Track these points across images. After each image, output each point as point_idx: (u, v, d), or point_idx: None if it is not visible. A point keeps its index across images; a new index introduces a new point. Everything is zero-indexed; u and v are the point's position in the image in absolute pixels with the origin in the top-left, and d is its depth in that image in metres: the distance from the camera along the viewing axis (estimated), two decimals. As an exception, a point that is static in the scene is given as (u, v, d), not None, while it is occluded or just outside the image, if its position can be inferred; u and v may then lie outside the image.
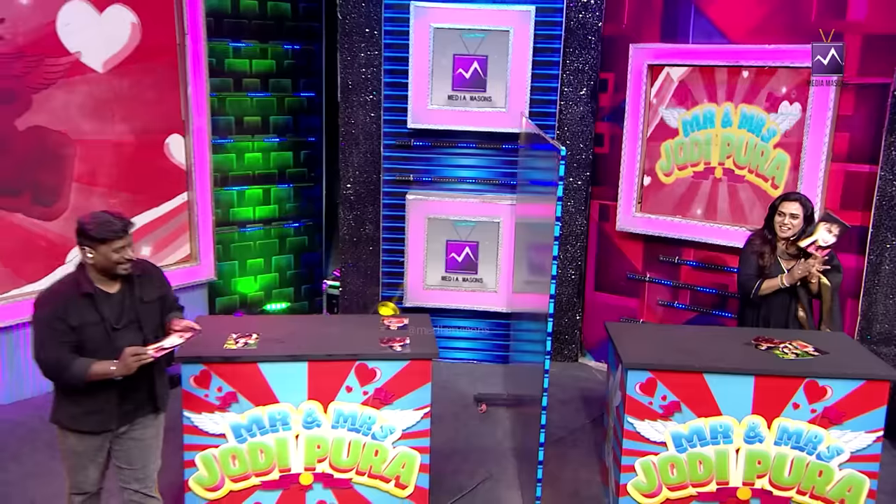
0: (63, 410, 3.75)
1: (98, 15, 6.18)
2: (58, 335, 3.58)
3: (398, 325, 4.93)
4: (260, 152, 7.57)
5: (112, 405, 3.74)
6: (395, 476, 4.64)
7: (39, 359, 3.62)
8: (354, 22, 6.60)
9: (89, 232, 3.55)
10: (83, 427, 3.75)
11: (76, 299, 3.62)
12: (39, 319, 3.64)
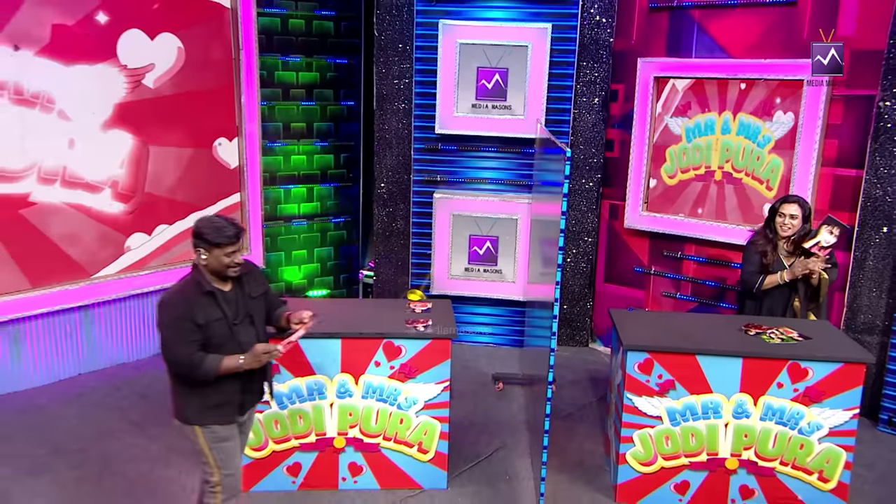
0: (191, 408, 3.69)
1: (150, 41, 6.42)
2: (186, 334, 3.54)
3: (422, 309, 5.03)
4: (304, 155, 7.63)
5: (236, 397, 3.74)
6: (418, 442, 4.79)
7: (170, 359, 3.59)
8: (389, 38, 6.70)
9: (205, 236, 3.53)
10: (213, 420, 3.72)
11: (199, 298, 3.59)
12: (168, 321, 3.59)
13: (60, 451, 5.13)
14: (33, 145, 5.90)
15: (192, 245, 3.60)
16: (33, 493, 4.62)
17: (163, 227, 6.78)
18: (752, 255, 4.98)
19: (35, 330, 6.12)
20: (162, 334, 3.55)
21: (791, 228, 4.74)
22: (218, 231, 3.52)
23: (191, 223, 6.87)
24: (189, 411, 3.66)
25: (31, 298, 6.01)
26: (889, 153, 5.20)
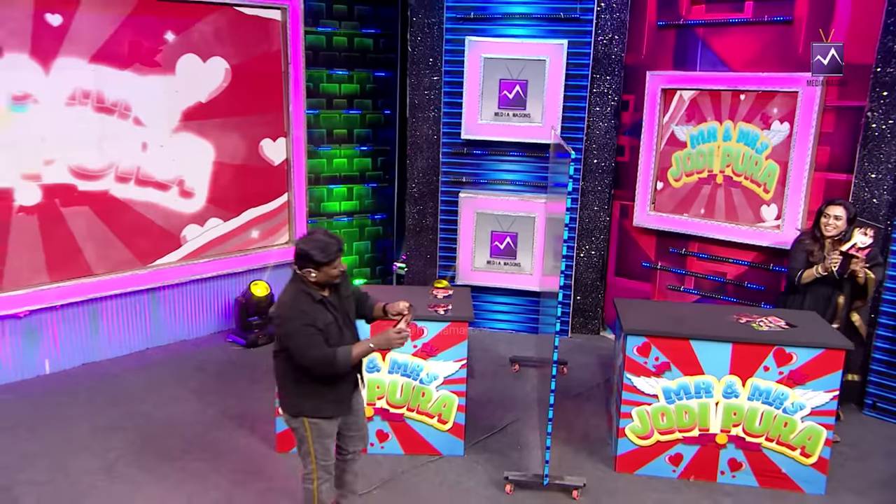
0: (307, 404, 3.69)
1: (203, 63, 6.59)
2: (315, 338, 3.53)
3: (444, 296, 5.16)
4: (345, 158, 7.73)
5: (349, 391, 3.78)
6: (438, 413, 4.91)
7: (307, 363, 3.57)
8: (421, 53, 6.83)
9: (314, 258, 3.48)
10: (328, 414, 3.72)
11: (314, 306, 3.57)
12: (295, 331, 3.55)
13: (130, 412, 5.40)
14: (111, 148, 6.14)
15: (296, 265, 3.58)
16: (107, 448, 4.89)
17: (217, 222, 6.91)
18: (797, 253, 5.01)
19: (110, 309, 6.36)
20: (292, 343, 3.54)
21: (835, 229, 4.71)
22: (324, 251, 3.49)
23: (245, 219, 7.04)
24: (304, 406, 3.68)
25: (105, 281, 6.25)
26: (876, 159, 5.23)
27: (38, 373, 6.06)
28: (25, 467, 4.66)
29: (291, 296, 3.55)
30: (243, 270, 7.12)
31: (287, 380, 3.68)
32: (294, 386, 3.65)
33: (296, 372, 3.60)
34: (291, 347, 3.54)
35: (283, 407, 3.76)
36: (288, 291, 3.60)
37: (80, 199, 6.04)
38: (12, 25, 5.45)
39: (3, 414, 5.33)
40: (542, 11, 6.48)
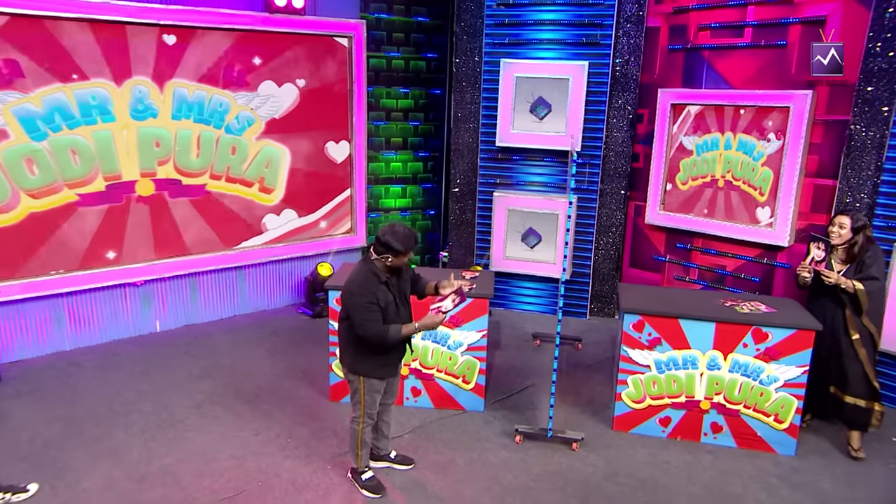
0: (365, 365, 3.86)
1: (275, 86, 6.78)
2: (375, 314, 3.66)
3: (471, 277, 5.25)
4: (400, 162, 7.88)
5: (398, 359, 3.99)
6: (462, 375, 5.06)
7: (366, 333, 3.69)
8: (464, 73, 7.01)
9: (395, 247, 3.60)
10: (380, 375, 3.92)
11: (379, 287, 3.69)
12: (361, 306, 3.66)
13: (217, 364, 5.84)
14: (208, 152, 6.50)
15: (375, 250, 3.68)
16: (198, 390, 5.34)
17: (291, 213, 7.16)
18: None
19: (206, 282, 6.77)
20: (355, 316, 3.68)
21: (839, 237, 4.45)
22: (404, 244, 3.61)
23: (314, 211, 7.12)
24: (362, 366, 3.86)
25: (201, 259, 6.64)
26: (858, 166, 5.23)
27: (150, 330, 6.52)
28: (137, 400, 5.16)
29: (362, 275, 3.69)
30: (312, 254, 7.33)
31: (349, 343, 3.85)
32: (355, 349, 3.82)
33: (357, 338, 3.76)
34: (354, 319, 3.68)
35: (344, 364, 3.95)
36: (359, 271, 3.74)
37: (182, 193, 6.41)
38: (139, 54, 5.90)
39: (125, 361, 5.86)
40: (567, 38, 6.53)
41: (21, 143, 5.48)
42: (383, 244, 3.61)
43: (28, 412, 4.97)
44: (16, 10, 5.25)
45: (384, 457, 4.37)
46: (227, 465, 4.35)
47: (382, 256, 3.64)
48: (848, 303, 4.45)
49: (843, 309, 4.46)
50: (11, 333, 5.77)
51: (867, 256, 4.43)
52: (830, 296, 4.53)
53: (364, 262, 3.75)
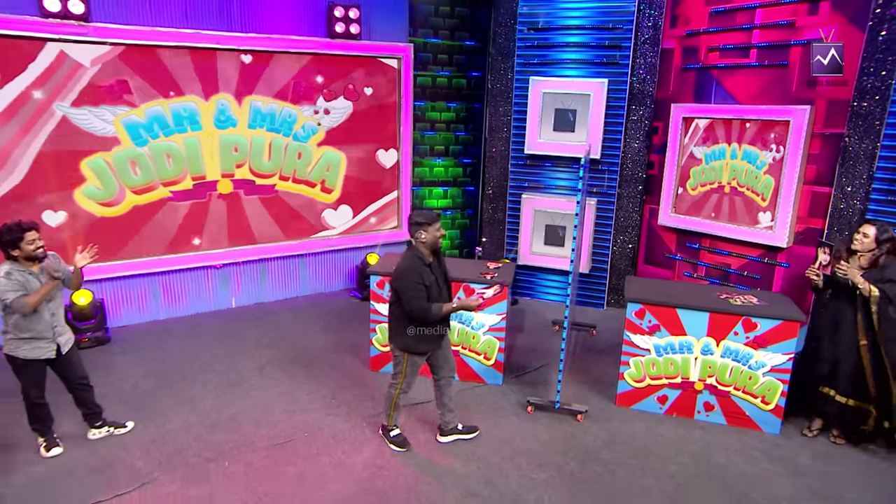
0: (409, 341, 3.97)
1: (334, 100, 7.00)
2: (420, 293, 3.78)
3: (494, 267, 5.41)
4: (443, 167, 8.00)
5: (438, 335, 4.07)
6: (484, 352, 5.19)
7: (412, 309, 3.80)
8: (498, 90, 7.16)
9: (419, 220, 3.80)
10: (422, 350, 4.05)
11: (423, 268, 3.82)
12: (409, 285, 3.78)
13: (280, 336, 6.15)
14: (278, 157, 6.82)
15: (411, 232, 3.85)
16: (262, 356, 5.66)
17: (347, 210, 7.38)
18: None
19: (274, 267, 7.07)
20: (404, 294, 3.80)
21: (860, 244, 4.20)
22: (424, 216, 3.84)
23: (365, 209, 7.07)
24: (408, 343, 3.99)
25: (270, 247, 6.94)
26: (852, 175, 5.19)
27: (227, 306, 6.90)
28: (212, 362, 5.55)
29: (409, 260, 3.86)
30: (363, 246, 7.55)
31: (399, 324, 3.98)
32: (403, 328, 3.96)
33: (403, 318, 3.91)
34: (403, 297, 3.80)
35: (393, 341, 4.08)
36: (405, 258, 3.90)
37: (255, 191, 6.76)
38: (223, 74, 6.30)
39: (205, 330, 6.26)
40: (589, 58, 6.59)
41: (127, 149, 6.00)
42: (413, 224, 3.83)
43: (129, 366, 5.46)
44: (128, 41, 5.77)
45: (452, 430, 4.42)
46: (281, 418, 4.67)
47: (417, 234, 3.81)
48: (860, 304, 4.22)
49: (855, 314, 4.26)
50: (119, 303, 6.31)
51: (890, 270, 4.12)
52: (844, 299, 4.30)
53: (409, 250, 3.91)
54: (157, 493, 3.79)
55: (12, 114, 5.46)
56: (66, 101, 5.65)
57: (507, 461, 4.20)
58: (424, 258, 3.85)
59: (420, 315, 3.81)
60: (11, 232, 3.69)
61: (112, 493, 3.78)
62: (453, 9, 7.55)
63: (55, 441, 4.18)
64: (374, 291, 5.26)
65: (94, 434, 4.35)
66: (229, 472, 4.02)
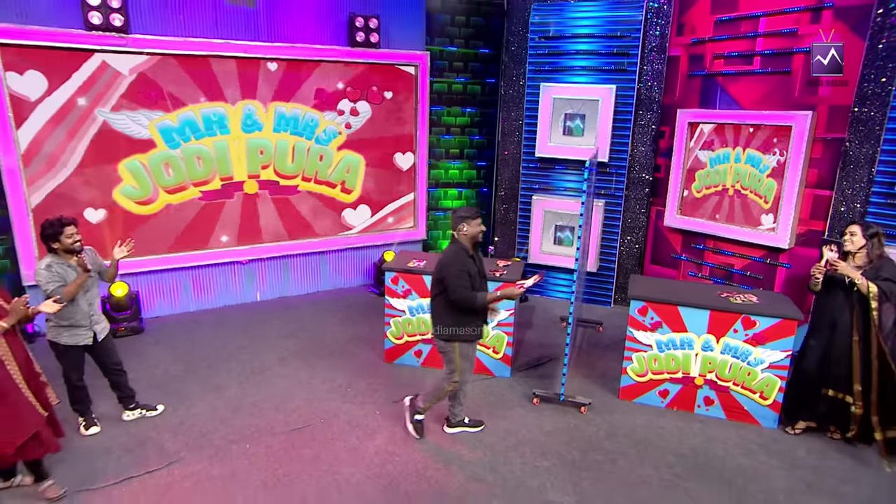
0: (461, 332, 3.97)
1: (353, 104, 7.06)
2: (465, 282, 3.80)
3: (504, 265, 5.47)
4: (458, 170, 8.07)
5: (481, 325, 4.07)
6: (493, 346, 5.26)
7: (458, 298, 3.82)
8: (510, 95, 7.21)
9: (463, 213, 3.85)
10: (470, 338, 4.04)
11: (466, 260, 3.86)
12: (455, 275, 3.79)
13: (301, 328, 6.24)
14: (301, 159, 6.91)
15: (454, 226, 3.89)
16: (284, 347, 5.74)
17: (366, 209, 7.44)
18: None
19: (296, 263, 7.18)
20: (451, 283, 3.82)
21: (851, 244, 4.17)
22: (468, 210, 3.91)
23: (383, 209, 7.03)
24: (459, 334, 3.97)
25: (292, 244, 7.03)
26: (852, 179, 5.15)
27: (252, 300, 7.04)
28: (237, 352, 5.68)
29: (453, 252, 3.90)
30: (380, 244, 7.63)
31: (443, 315, 3.98)
32: (448, 320, 3.97)
33: (449, 309, 3.92)
34: (448, 286, 3.81)
35: (439, 335, 4.03)
36: (450, 250, 3.93)
37: (280, 191, 6.88)
38: (249, 81, 6.43)
39: (231, 322, 6.40)
40: (597, 65, 6.60)
41: (161, 151, 6.19)
42: (457, 218, 3.87)
43: (161, 354, 5.64)
44: (163, 51, 5.95)
45: (459, 422, 4.45)
46: (299, 405, 4.78)
47: (460, 227, 3.85)
48: (855, 299, 4.14)
49: (852, 312, 4.19)
50: (153, 296, 6.50)
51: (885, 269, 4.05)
52: (840, 298, 4.23)
53: (453, 243, 3.95)
54: (184, 472, 3.94)
55: (60, 119, 5.68)
56: (106, 106, 5.84)
57: (512, 449, 4.25)
58: (468, 250, 3.88)
59: (466, 303, 3.81)
60: (53, 226, 3.86)
61: (143, 470, 3.93)
62: (468, 18, 7.60)
63: (93, 421, 4.36)
64: (388, 287, 5.34)
65: (128, 415, 4.52)
66: (250, 454, 4.15)
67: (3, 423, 3.30)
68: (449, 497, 3.74)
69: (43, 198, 5.74)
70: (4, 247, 5.88)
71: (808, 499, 3.82)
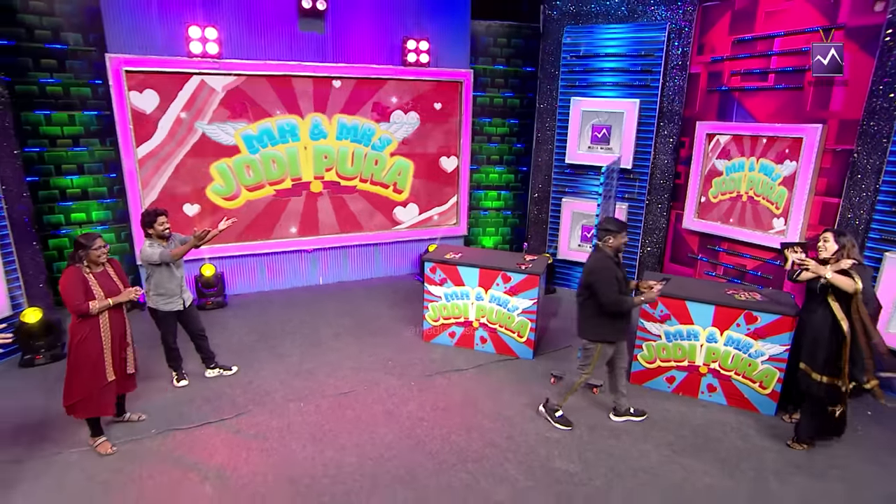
0: (603, 331, 3.90)
1: (405, 116, 7.23)
2: (614, 286, 3.74)
3: (530, 259, 5.49)
4: (497, 174, 8.10)
5: (624, 326, 4.01)
6: (518, 330, 5.27)
7: (607, 301, 3.74)
8: (544, 108, 7.19)
9: (611, 228, 3.76)
10: (613, 338, 3.97)
11: (613, 265, 3.81)
12: (604, 278, 3.72)
13: (355, 309, 6.49)
14: (358, 163, 7.12)
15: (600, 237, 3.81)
16: (338, 324, 5.98)
17: (414, 208, 7.57)
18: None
19: (353, 253, 7.40)
20: (600, 287, 3.74)
21: (824, 251, 3.93)
22: (616, 222, 3.80)
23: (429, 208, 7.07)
24: (602, 334, 3.89)
25: (349, 237, 7.25)
26: (859, 188, 4.97)
27: (315, 283, 7.31)
28: (300, 326, 5.94)
29: (601, 259, 3.82)
30: (426, 238, 7.76)
31: (590, 317, 3.92)
32: (598, 321, 3.91)
33: (596, 312, 3.85)
34: (599, 290, 3.72)
35: (586, 334, 3.98)
36: (597, 257, 3.84)
37: (340, 191, 7.12)
38: (317, 97, 6.68)
39: (298, 301, 6.69)
40: (623, 80, 6.54)
41: (243, 156, 6.60)
42: (603, 230, 3.79)
43: (238, 325, 6.04)
44: (248, 72, 6.35)
45: (625, 412, 4.42)
46: (347, 373, 5.04)
47: (606, 239, 3.77)
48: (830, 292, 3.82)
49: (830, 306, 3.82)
50: (235, 277, 6.93)
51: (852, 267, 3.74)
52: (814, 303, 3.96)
53: (597, 251, 3.87)
54: (249, 421, 4.31)
55: (174, 133, 6.21)
56: (203, 119, 6.32)
57: (528, 422, 4.35)
58: (612, 257, 3.81)
59: (615, 306, 3.74)
60: (149, 215, 4.31)
61: (218, 418, 4.33)
62: (509, 40, 7.65)
63: (183, 375, 4.82)
64: (427, 276, 5.51)
65: (209, 373, 4.95)
66: (303, 411, 4.46)
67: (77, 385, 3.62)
68: (467, 458, 3.91)
69: (153, 195, 6.27)
70: (125, 233, 6.50)
71: (797, 478, 3.80)
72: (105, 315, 3.64)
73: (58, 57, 5.85)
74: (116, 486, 3.59)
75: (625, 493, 3.62)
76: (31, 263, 5.43)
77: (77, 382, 3.64)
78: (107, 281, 3.67)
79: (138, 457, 3.87)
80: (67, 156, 6.11)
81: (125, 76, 5.82)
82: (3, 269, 5.12)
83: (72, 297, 3.49)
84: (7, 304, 5.16)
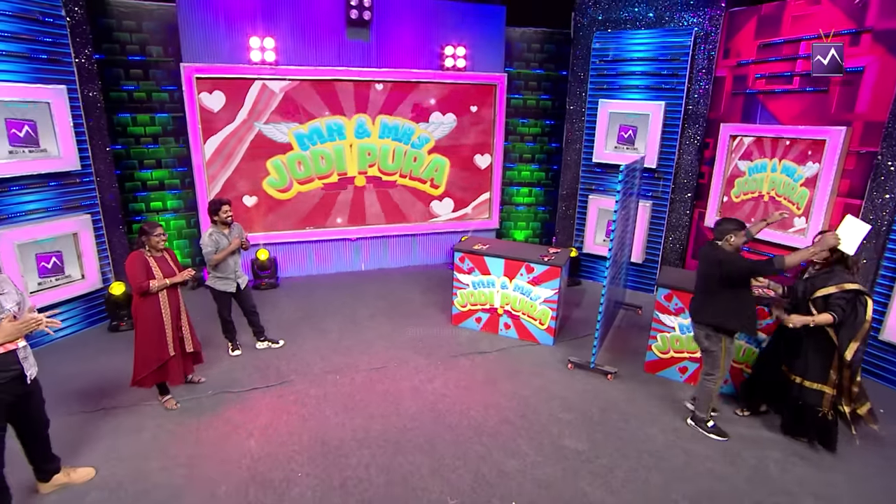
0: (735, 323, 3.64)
1: (442, 117, 7.32)
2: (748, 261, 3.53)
3: (553, 252, 5.45)
4: (529, 171, 8.08)
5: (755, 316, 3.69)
6: (539, 318, 5.34)
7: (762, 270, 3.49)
8: (574, 110, 7.11)
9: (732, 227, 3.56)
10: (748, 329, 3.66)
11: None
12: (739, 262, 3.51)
13: (390, 293, 6.64)
14: (399, 160, 7.27)
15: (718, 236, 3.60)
16: (375, 307, 6.15)
17: (450, 202, 7.54)
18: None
19: (392, 243, 7.55)
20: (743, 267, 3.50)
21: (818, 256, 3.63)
22: (738, 222, 3.58)
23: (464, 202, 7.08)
24: (731, 324, 3.60)
25: (389, 227, 7.40)
26: (882, 190, 4.75)
27: (358, 269, 7.51)
28: (342, 306, 6.20)
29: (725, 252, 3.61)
30: (460, 230, 7.81)
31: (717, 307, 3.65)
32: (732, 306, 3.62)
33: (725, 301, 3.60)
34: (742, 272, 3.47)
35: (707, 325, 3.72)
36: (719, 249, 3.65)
37: (382, 185, 7.28)
38: (361, 99, 6.86)
39: (341, 285, 6.90)
40: (649, 83, 6.42)
41: (295, 153, 6.88)
42: (722, 230, 3.61)
43: (287, 304, 6.33)
44: (301, 77, 6.61)
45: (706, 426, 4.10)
46: (379, 350, 5.23)
47: (727, 237, 3.58)
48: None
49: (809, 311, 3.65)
50: (286, 261, 7.24)
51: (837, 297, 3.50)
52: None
53: (718, 249, 3.62)
54: (291, 389, 4.58)
55: (236, 132, 6.56)
56: (261, 119, 6.65)
57: (543, 402, 4.41)
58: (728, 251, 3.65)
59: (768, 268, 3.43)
60: (214, 204, 4.63)
61: (265, 384, 4.63)
62: (542, 45, 7.61)
63: (237, 346, 5.16)
64: (456, 265, 5.59)
65: (259, 345, 5.27)
66: (339, 383, 4.68)
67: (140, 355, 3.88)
68: (483, 432, 4.02)
69: (217, 187, 6.67)
70: (194, 220, 6.95)
71: (798, 468, 3.73)
72: (163, 294, 3.93)
73: (143, 67, 6.30)
74: (179, 435, 3.94)
75: (627, 472, 3.67)
76: (118, 244, 5.91)
77: (140, 359, 3.89)
78: (164, 265, 3.97)
79: (196, 412, 4.21)
80: (148, 152, 6.58)
81: (196, 82, 6.20)
82: (96, 249, 5.60)
83: (135, 276, 3.78)
84: (98, 278, 5.65)
